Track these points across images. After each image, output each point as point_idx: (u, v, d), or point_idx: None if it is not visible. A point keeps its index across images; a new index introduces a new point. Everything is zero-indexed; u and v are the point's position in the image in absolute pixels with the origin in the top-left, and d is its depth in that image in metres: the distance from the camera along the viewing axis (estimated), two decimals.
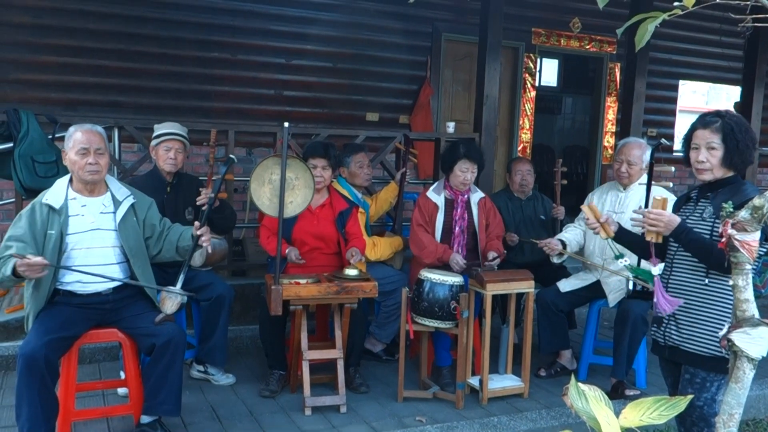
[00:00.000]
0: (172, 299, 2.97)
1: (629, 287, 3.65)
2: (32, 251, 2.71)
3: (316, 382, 3.50)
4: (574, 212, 4.31)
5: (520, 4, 6.85)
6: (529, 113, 7.54)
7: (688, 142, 2.53)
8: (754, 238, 1.77)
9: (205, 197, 3.57)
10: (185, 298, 3.01)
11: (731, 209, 1.82)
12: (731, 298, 1.84)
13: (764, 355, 1.80)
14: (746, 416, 3.75)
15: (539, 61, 8.05)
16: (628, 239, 2.76)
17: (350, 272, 3.39)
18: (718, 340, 2.30)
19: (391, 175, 4.89)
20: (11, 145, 3.88)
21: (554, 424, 3.40)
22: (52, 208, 2.83)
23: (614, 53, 7.75)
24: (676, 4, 1.46)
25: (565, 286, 3.90)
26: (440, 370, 3.71)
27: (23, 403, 2.63)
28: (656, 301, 2.44)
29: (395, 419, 3.31)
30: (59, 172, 3.81)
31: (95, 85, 5.69)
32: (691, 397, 1.38)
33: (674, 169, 4.63)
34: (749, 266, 1.77)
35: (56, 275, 2.82)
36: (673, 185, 4.17)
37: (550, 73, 9.75)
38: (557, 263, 3.88)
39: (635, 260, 3.12)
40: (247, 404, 3.45)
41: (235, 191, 4.88)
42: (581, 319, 4.44)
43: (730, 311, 2.24)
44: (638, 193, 3.72)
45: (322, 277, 3.42)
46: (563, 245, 3.72)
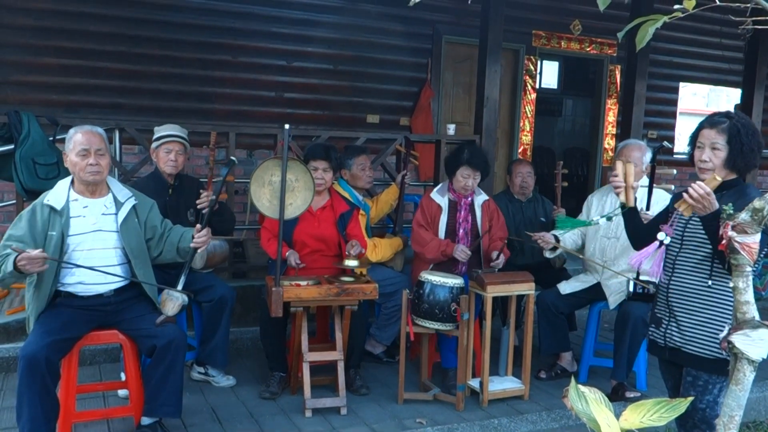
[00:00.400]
0: (173, 301, 2.97)
1: (630, 289, 3.65)
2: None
3: (316, 383, 3.50)
4: (574, 214, 4.31)
5: (520, 6, 6.86)
6: (529, 115, 7.54)
7: (694, 140, 2.52)
8: (754, 240, 1.77)
9: (206, 199, 3.57)
10: (186, 299, 3.01)
11: (731, 211, 1.82)
12: (733, 299, 1.84)
13: (764, 357, 1.80)
14: (747, 418, 3.75)
15: (540, 63, 8.05)
16: (636, 221, 2.72)
17: (350, 263, 3.39)
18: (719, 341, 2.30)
19: (391, 177, 4.89)
20: (12, 146, 3.89)
21: (554, 426, 3.40)
22: (53, 209, 2.84)
23: (615, 55, 7.76)
24: (676, 6, 1.46)
25: (565, 288, 3.90)
26: (446, 371, 3.71)
27: (24, 404, 2.64)
28: (651, 266, 2.48)
29: (395, 421, 3.31)
30: (60, 173, 3.82)
31: (96, 86, 5.70)
32: (691, 398, 1.38)
33: (675, 171, 4.62)
34: (749, 268, 1.78)
35: (57, 277, 2.82)
36: (674, 188, 4.17)
37: (550, 75, 9.74)
38: (550, 258, 3.87)
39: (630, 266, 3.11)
40: (247, 406, 3.46)
41: (235, 193, 4.89)
42: (581, 321, 4.44)
43: (732, 313, 2.23)
44: (638, 194, 3.71)
45: (322, 278, 3.42)
46: (556, 240, 3.72)
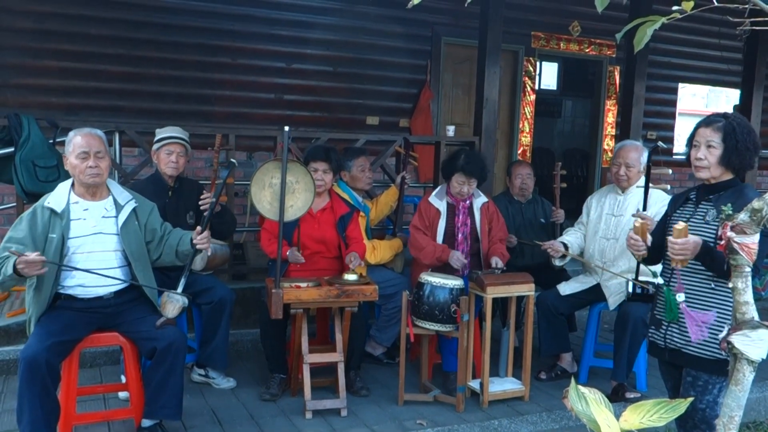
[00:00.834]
0: (173, 303, 2.97)
1: (629, 290, 3.65)
2: None
3: (316, 385, 3.50)
4: (574, 215, 4.32)
5: (519, 7, 6.87)
6: (528, 116, 7.55)
7: (691, 140, 2.54)
8: (753, 240, 1.77)
9: (208, 200, 3.57)
10: (186, 302, 3.02)
11: (730, 211, 1.83)
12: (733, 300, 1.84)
13: (764, 357, 1.81)
14: (746, 419, 3.75)
15: (539, 64, 8.07)
16: (649, 258, 2.70)
17: (350, 277, 3.39)
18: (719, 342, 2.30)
19: (391, 178, 4.89)
20: (12, 149, 3.90)
21: (555, 427, 3.40)
22: (53, 211, 2.84)
23: (614, 56, 7.77)
24: (675, 8, 1.47)
25: (565, 289, 3.90)
26: (447, 374, 3.71)
27: (24, 406, 2.64)
28: (688, 328, 2.42)
29: (396, 422, 3.31)
30: (60, 176, 3.82)
31: (96, 89, 5.71)
32: (691, 399, 1.38)
33: (672, 171, 4.63)
34: (748, 269, 1.78)
35: (57, 279, 2.83)
36: (671, 188, 4.17)
37: (549, 76, 9.76)
38: (559, 266, 3.88)
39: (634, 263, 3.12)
40: (247, 408, 3.46)
41: (235, 195, 4.89)
42: (581, 322, 4.44)
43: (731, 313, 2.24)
44: (636, 195, 3.72)
45: (322, 280, 3.42)
46: (565, 248, 3.73)
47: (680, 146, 7.70)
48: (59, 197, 2.90)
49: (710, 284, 2.43)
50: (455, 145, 5.03)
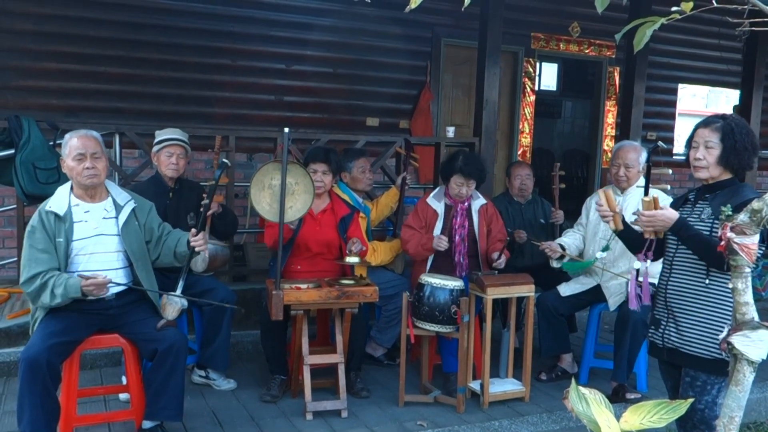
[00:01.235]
0: (172, 305, 2.98)
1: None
2: (56, 262, 2.79)
3: (317, 386, 3.50)
4: (573, 216, 4.32)
5: (519, 8, 6.87)
6: (528, 117, 7.55)
7: (690, 141, 2.55)
8: (753, 241, 1.77)
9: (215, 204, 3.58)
10: (185, 303, 3.02)
11: (730, 212, 1.83)
12: (732, 299, 1.85)
13: (764, 358, 1.81)
14: (747, 419, 3.75)
15: (539, 65, 8.07)
16: (632, 236, 2.75)
17: (352, 260, 3.40)
18: (718, 342, 2.30)
19: (391, 179, 4.89)
20: (12, 151, 3.90)
21: (555, 427, 3.40)
22: (57, 215, 2.84)
23: (613, 57, 7.77)
24: (674, 8, 1.47)
25: (565, 290, 3.90)
26: (448, 376, 3.71)
27: (25, 407, 2.64)
28: (629, 292, 2.62)
29: (396, 423, 3.31)
30: (60, 178, 3.83)
31: (96, 91, 5.71)
32: (691, 400, 1.38)
33: (671, 171, 4.63)
34: (748, 269, 1.78)
35: None
36: (671, 188, 4.18)
37: (549, 77, 9.77)
38: (557, 267, 3.89)
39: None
40: (248, 409, 3.46)
41: (235, 196, 4.89)
42: (582, 322, 4.44)
43: (730, 313, 2.24)
44: (636, 195, 3.72)
45: (323, 281, 3.42)
46: (563, 249, 3.74)
47: (680, 147, 7.70)
48: (60, 201, 2.90)
49: (704, 281, 2.43)
50: (455, 146, 5.03)
